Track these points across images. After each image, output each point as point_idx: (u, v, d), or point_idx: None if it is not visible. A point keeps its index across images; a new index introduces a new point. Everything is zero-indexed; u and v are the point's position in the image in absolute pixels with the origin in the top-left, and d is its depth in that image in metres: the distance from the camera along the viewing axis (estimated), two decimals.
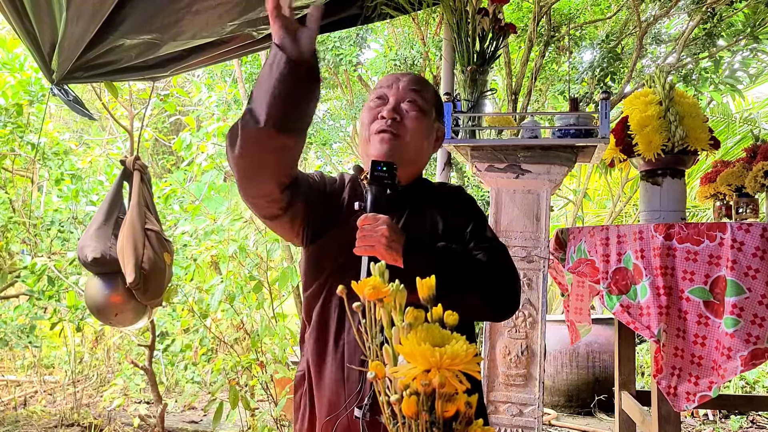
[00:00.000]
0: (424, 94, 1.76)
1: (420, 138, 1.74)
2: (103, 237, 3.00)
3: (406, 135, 1.71)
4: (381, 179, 1.56)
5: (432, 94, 1.81)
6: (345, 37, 5.77)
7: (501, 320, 2.32)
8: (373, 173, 1.57)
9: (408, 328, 0.90)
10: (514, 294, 1.64)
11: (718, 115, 7.13)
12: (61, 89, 2.93)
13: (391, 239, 1.49)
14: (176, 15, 2.59)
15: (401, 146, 1.70)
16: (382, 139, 1.69)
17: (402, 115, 1.72)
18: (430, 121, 1.77)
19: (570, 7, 5.66)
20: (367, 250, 1.50)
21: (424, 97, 1.76)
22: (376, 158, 1.65)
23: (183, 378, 5.08)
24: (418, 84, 1.77)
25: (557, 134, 2.71)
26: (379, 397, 0.94)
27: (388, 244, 1.48)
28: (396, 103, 1.73)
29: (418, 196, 1.78)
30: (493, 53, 2.87)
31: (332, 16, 3.12)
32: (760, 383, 5.71)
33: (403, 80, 1.77)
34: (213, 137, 4.47)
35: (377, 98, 1.77)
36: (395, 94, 1.75)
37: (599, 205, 8.42)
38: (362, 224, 1.51)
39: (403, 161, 1.69)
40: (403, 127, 1.71)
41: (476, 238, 1.69)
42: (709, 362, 2.19)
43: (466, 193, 1.85)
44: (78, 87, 3.34)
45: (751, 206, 2.88)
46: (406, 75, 1.80)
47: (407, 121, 1.72)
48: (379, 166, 1.57)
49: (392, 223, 1.52)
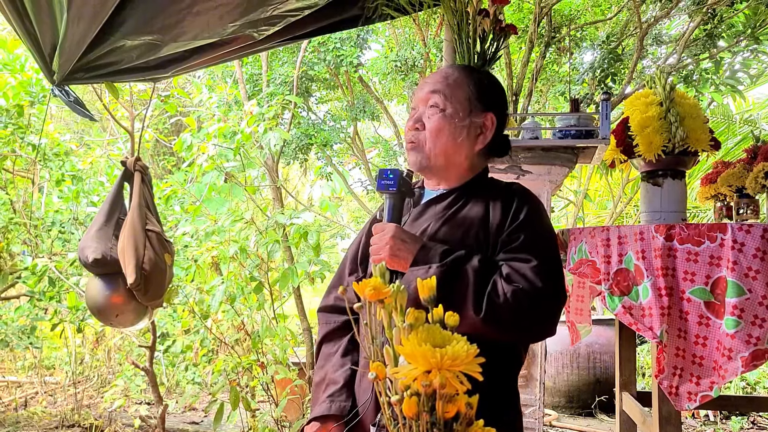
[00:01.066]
0: (448, 92, 1.68)
1: (443, 140, 1.67)
2: (103, 238, 2.99)
3: (426, 142, 1.68)
4: (387, 186, 1.57)
5: (463, 87, 1.71)
6: (346, 38, 5.78)
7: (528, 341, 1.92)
8: (379, 180, 1.58)
9: (409, 328, 0.90)
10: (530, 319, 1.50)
11: (719, 115, 7.13)
12: (62, 90, 2.93)
13: (396, 248, 1.50)
14: (177, 16, 2.59)
15: (423, 153, 1.68)
16: (407, 149, 1.71)
17: (423, 123, 1.69)
18: (457, 119, 1.67)
19: (571, 8, 5.66)
20: (376, 259, 1.53)
21: (448, 95, 1.68)
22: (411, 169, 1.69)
23: (184, 379, 5.09)
24: (441, 83, 1.70)
25: (558, 135, 2.71)
26: (380, 398, 0.94)
27: (392, 252, 1.50)
28: (420, 113, 1.71)
29: (469, 197, 1.69)
30: (493, 54, 2.87)
31: (333, 17, 3.12)
32: (761, 384, 5.71)
33: (428, 83, 1.73)
34: (214, 138, 4.47)
35: (412, 108, 1.76)
36: (420, 101, 1.72)
37: (600, 206, 8.42)
38: (374, 234, 1.55)
39: (435, 167, 1.69)
40: (422, 134, 1.68)
41: (512, 246, 1.57)
42: (711, 362, 2.19)
43: (527, 195, 1.69)
44: (79, 88, 3.35)
45: (751, 207, 2.87)
46: (434, 74, 1.75)
47: (427, 128, 1.68)
48: (385, 173, 1.58)
49: (400, 231, 1.53)
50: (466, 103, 1.69)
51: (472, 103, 1.70)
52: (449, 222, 1.65)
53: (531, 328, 1.53)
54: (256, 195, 5.69)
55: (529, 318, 1.49)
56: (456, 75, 1.72)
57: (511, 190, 1.69)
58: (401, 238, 1.51)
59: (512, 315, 1.46)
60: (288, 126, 5.65)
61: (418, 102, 1.72)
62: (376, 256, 1.52)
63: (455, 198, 1.69)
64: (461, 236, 1.61)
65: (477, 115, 1.70)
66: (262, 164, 5.12)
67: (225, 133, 4.52)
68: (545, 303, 1.50)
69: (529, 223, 1.60)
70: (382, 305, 0.96)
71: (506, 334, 1.52)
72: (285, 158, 6.13)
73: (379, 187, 1.57)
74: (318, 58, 5.82)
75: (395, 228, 1.52)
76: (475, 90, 1.71)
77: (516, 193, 1.68)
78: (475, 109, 1.70)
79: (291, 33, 3.06)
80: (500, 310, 1.45)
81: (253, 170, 5.18)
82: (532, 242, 1.57)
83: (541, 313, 1.51)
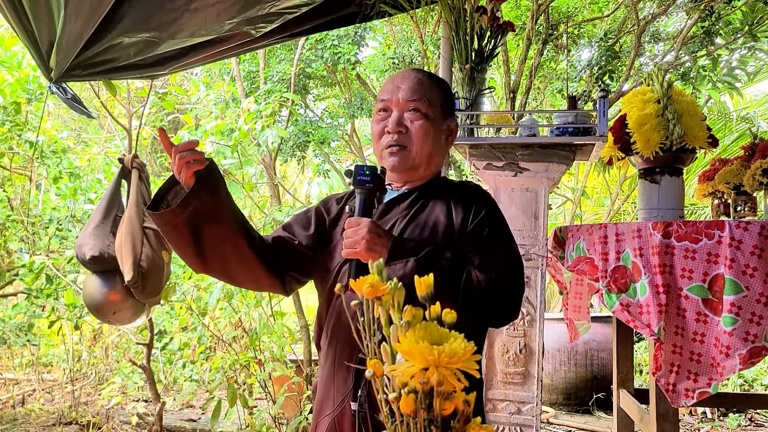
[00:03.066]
0: (427, 97, 1.75)
1: (429, 143, 1.75)
2: (101, 235, 2.99)
3: (413, 145, 1.73)
4: (363, 183, 1.60)
5: (437, 93, 1.79)
6: (343, 36, 5.77)
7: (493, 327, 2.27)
8: (356, 177, 1.61)
9: (406, 326, 0.90)
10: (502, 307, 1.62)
11: (716, 113, 7.14)
12: (60, 87, 2.92)
13: (372, 242, 1.51)
14: (175, 13, 2.59)
15: (410, 156, 1.74)
16: (392, 153, 1.73)
17: (406, 126, 1.74)
18: (437, 123, 1.77)
19: (568, 5, 5.66)
20: (350, 253, 1.53)
21: (428, 100, 1.75)
22: (390, 170, 1.72)
23: (181, 376, 5.08)
24: (419, 89, 1.76)
25: (555, 132, 2.71)
26: (377, 395, 0.94)
27: (369, 246, 1.51)
28: (399, 115, 1.75)
29: (430, 196, 1.78)
30: (491, 51, 2.87)
31: (330, 14, 3.12)
32: (759, 381, 5.72)
33: (403, 88, 1.76)
34: (211, 135, 4.46)
35: (382, 110, 1.78)
36: (397, 105, 1.75)
37: (597, 203, 8.43)
38: (347, 228, 1.56)
39: (415, 167, 1.76)
40: (409, 138, 1.74)
41: (478, 239, 1.67)
42: (708, 359, 2.19)
43: (483, 193, 1.81)
44: (76, 85, 3.34)
45: (749, 204, 2.88)
46: (406, 79, 1.78)
47: (413, 131, 1.73)
48: (362, 170, 1.61)
49: (375, 225, 1.55)
50: (440, 109, 1.79)
51: (444, 109, 1.81)
52: (414, 220, 1.73)
53: (504, 314, 1.64)
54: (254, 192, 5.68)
55: (502, 305, 1.61)
56: (428, 82, 1.80)
57: (468, 188, 1.81)
58: (377, 232, 1.53)
59: (487, 303, 1.57)
60: (285, 123, 5.65)
61: (392, 104, 1.76)
62: (350, 250, 1.53)
63: (417, 197, 1.78)
64: (429, 233, 1.69)
65: (448, 119, 1.83)
66: (260, 161, 5.11)
67: (222, 131, 4.51)
68: (515, 291, 1.62)
69: (492, 218, 1.72)
70: (379, 302, 0.96)
71: (479, 320, 1.65)
72: (282, 155, 6.12)
73: (357, 183, 1.60)
74: (315, 55, 5.81)
75: (370, 222, 1.54)
76: (444, 96, 1.82)
77: (474, 190, 1.80)
78: (446, 114, 1.82)
79: (288, 30, 3.06)
80: (476, 299, 1.55)
81: (251, 167, 5.18)
82: (497, 235, 1.69)
83: (512, 301, 1.62)
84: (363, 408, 1.58)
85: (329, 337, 1.72)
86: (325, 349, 1.75)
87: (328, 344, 1.73)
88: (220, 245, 1.67)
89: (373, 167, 1.62)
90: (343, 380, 1.64)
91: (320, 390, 1.73)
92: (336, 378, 1.67)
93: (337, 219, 1.83)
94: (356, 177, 1.60)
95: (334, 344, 1.70)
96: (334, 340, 1.70)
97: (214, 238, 1.66)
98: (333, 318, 1.72)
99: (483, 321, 1.67)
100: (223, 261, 1.70)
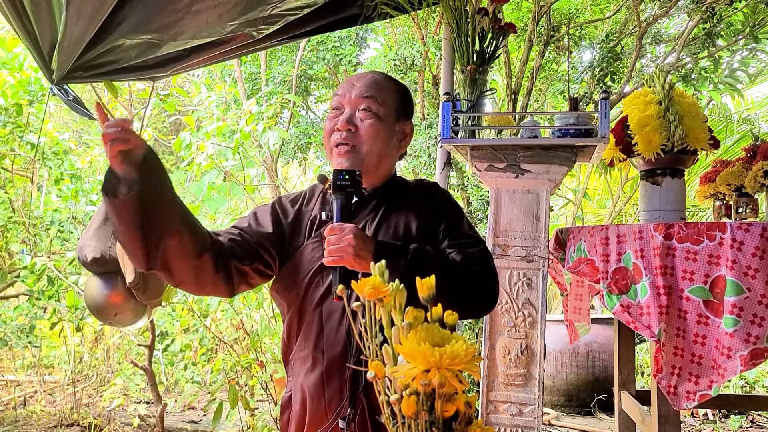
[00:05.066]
0: (381, 97, 1.73)
1: (379, 144, 1.72)
2: (102, 237, 2.99)
3: (363, 145, 1.70)
4: (344, 188, 1.57)
5: (392, 94, 1.77)
6: (345, 37, 5.78)
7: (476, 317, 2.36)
8: (335, 182, 1.57)
9: (408, 327, 0.90)
10: (487, 293, 1.65)
11: (718, 114, 7.13)
12: (61, 89, 2.93)
13: (359, 247, 1.48)
14: (176, 15, 2.59)
15: (360, 156, 1.70)
16: (340, 153, 1.71)
17: (357, 125, 1.71)
18: (389, 124, 1.75)
19: (569, 7, 5.66)
20: (336, 260, 1.49)
21: (380, 101, 1.73)
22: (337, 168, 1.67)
23: (183, 378, 5.08)
24: (373, 88, 1.74)
25: (557, 134, 2.71)
26: (378, 397, 0.94)
27: (355, 252, 1.47)
28: (350, 113, 1.72)
29: (391, 197, 1.77)
30: (492, 53, 2.87)
31: (332, 16, 3.12)
32: (760, 383, 5.71)
33: (357, 86, 1.74)
34: (213, 137, 4.47)
35: (335, 108, 1.76)
36: (349, 103, 1.73)
37: (599, 205, 8.43)
38: (329, 234, 1.51)
39: (366, 169, 1.71)
40: (359, 137, 1.70)
41: (450, 235, 1.70)
42: (709, 361, 2.19)
43: (442, 190, 1.85)
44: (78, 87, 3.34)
45: (750, 206, 2.88)
46: (361, 78, 1.77)
47: (362, 131, 1.71)
48: (341, 174, 1.57)
49: (359, 230, 1.52)
50: (394, 110, 1.77)
51: (398, 111, 1.78)
52: (384, 222, 1.72)
53: (490, 305, 1.68)
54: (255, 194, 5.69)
55: (489, 296, 1.66)
56: (384, 82, 1.78)
57: (426, 186, 1.84)
58: (362, 237, 1.50)
59: (476, 295, 1.62)
60: (287, 125, 5.66)
61: (345, 102, 1.74)
62: (335, 257, 1.48)
63: (380, 199, 1.76)
64: (402, 234, 1.69)
65: (402, 122, 1.80)
66: (261, 163, 5.12)
67: (224, 132, 4.52)
68: (496, 282, 1.68)
69: (458, 214, 1.78)
70: (381, 304, 0.96)
71: (469, 313, 1.67)
72: (284, 157, 6.13)
73: (336, 188, 1.56)
74: (317, 56, 5.82)
75: (355, 228, 1.50)
76: (399, 99, 1.80)
77: (433, 188, 1.83)
78: (400, 117, 1.79)
79: (290, 32, 3.07)
80: (466, 292, 1.58)
81: (252, 169, 5.19)
82: (468, 230, 1.75)
83: (496, 291, 1.67)
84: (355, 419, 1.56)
85: (314, 348, 1.66)
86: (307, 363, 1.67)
87: (311, 356, 1.66)
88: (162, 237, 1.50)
89: (352, 171, 1.59)
90: (337, 391, 1.61)
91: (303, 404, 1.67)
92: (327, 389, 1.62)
93: (297, 224, 1.77)
94: (335, 182, 1.57)
95: (321, 355, 1.64)
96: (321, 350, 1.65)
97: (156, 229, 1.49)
98: (315, 328, 1.66)
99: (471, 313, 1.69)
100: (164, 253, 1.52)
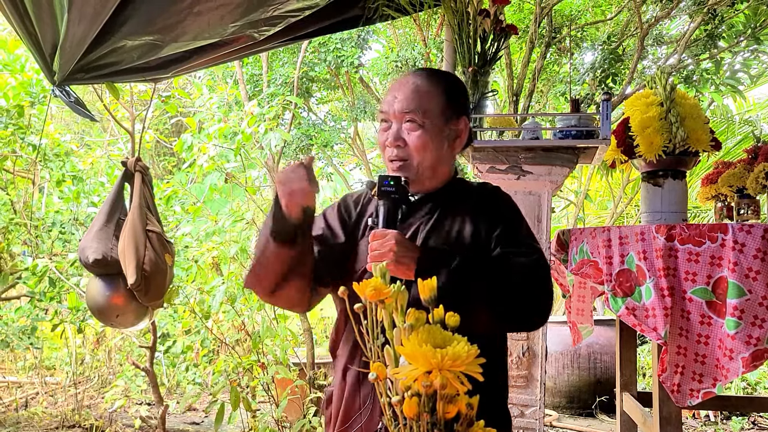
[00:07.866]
0: (422, 108, 1.68)
1: (429, 154, 1.69)
2: (104, 238, 2.99)
3: (414, 158, 1.68)
4: (389, 194, 1.57)
5: (435, 98, 1.71)
6: (346, 39, 5.78)
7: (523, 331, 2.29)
8: (380, 188, 1.57)
9: (409, 329, 0.90)
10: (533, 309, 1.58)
11: (719, 116, 7.13)
12: (63, 90, 2.93)
13: (400, 254, 1.48)
14: (178, 16, 2.60)
15: (412, 170, 1.69)
16: (393, 168, 1.70)
17: (404, 139, 1.69)
18: (437, 131, 1.70)
19: (571, 9, 5.67)
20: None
21: (423, 111, 1.68)
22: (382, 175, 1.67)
23: (184, 379, 5.08)
24: (413, 101, 1.69)
25: (558, 135, 2.71)
26: (380, 399, 0.94)
27: (397, 259, 1.47)
28: (397, 128, 1.70)
29: (447, 201, 1.74)
30: (494, 54, 2.87)
31: (333, 17, 3.12)
32: (762, 384, 5.70)
33: (399, 99, 1.70)
34: (214, 138, 4.47)
35: (383, 121, 1.75)
36: (395, 117, 1.71)
37: (600, 206, 8.42)
38: (372, 240, 1.52)
39: (421, 176, 1.70)
40: (409, 151, 1.68)
41: (504, 242, 1.64)
42: (713, 361, 2.19)
43: (503, 194, 1.78)
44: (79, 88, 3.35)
45: (752, 207, 2.87)
46: (402, 88, 1.73)
47: (411, 144, 1.68)
48: (386, 180, 1.58)
49: (402, 237, 1.51)
50: (441, 114, 1.71)
51: (446, 113, 1.72)
52: (437, 227, 1.68)
53: (535, 321, 1.62)
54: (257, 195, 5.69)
55: (534, 312, 1.58)
56: (426, 87, 1.72)
57: (487, 190, 1.78)
58: (405, 244, 1.50)
59: (520, 311, 1.55)
60: (288, 126, 5.65)
61: (390, 116, 1.72)
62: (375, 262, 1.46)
63: (435, 203, 1.73)
64: (455, 241, 1.65)
65: (452, 122, 1.74)
66: (263, 165, 5.12)
67: (225, 134, 4.52)
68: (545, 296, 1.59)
69: (517, 220, 1.72)
70: (383, 305, 0.96)
71: (513, 328, 1.66)
72: (285, 159, 6.13)
73: (381, 194, 1.57)
74: (318, 58, 5.82)
75: (397, 234, 1.50)
76: (447, 98, 1.73)
77: (494, 192, 1.78)
78: (450, 117, 1.73)
79: (292, 33, 3.07)
80: (511, 307, 1.53)
81: (254, 171, 5.19)
82: (526, 237, 1.68)
83: (543, 307, 1.59)
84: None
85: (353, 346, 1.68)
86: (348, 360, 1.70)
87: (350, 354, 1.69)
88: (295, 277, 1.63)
89: (397, 177, 1.59)
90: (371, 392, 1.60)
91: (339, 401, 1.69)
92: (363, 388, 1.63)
93: (357, 223, 1.78)
94: (380, 188, 1.57)
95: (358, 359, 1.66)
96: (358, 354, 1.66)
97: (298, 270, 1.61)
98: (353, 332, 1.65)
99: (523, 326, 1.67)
100: (288, 289, 1.64)
